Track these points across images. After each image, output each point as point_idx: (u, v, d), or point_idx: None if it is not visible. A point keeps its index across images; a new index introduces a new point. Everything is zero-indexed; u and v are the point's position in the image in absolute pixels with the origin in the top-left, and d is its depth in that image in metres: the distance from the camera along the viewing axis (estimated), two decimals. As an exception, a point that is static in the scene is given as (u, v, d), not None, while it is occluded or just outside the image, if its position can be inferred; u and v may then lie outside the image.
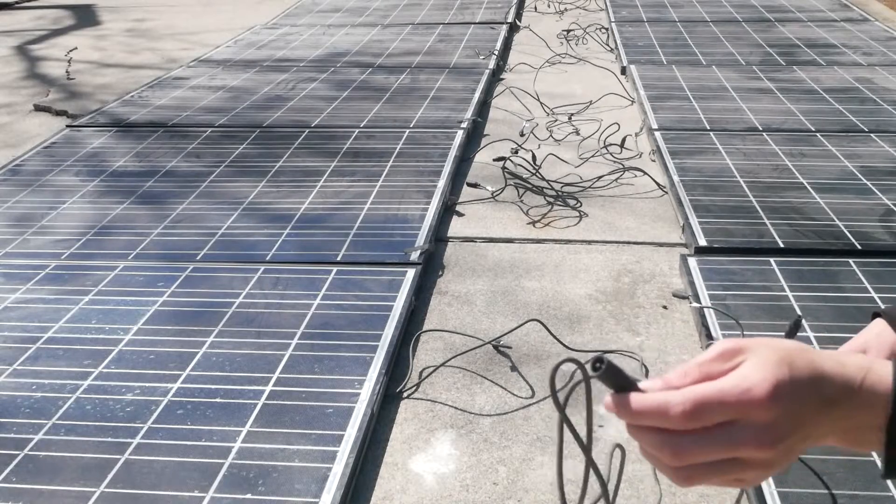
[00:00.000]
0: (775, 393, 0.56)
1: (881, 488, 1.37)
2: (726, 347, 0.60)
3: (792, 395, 0.56)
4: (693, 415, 0.56)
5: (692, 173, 2.67)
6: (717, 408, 0.56)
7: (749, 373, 0.57)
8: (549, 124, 3.31)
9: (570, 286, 2.13)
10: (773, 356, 0.58)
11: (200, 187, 2.70)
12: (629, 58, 4.13)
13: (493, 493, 1.45)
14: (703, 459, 0.57)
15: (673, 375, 0.61)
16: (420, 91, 3.67)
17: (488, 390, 1.73)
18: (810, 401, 0.57)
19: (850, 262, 2.10)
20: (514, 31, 5.00)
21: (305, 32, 4.99)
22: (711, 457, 0.57)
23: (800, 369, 0.58)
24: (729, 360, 0.59)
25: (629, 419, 0.60)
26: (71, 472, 1.47)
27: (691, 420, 0.56)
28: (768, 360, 0.58)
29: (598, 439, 1.58)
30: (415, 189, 2.62)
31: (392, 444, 1.58)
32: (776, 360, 0.58)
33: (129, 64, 4.56)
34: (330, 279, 2.09)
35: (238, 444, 1.52)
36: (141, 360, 1.78)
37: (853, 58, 4.06)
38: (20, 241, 2.37)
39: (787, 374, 0.57)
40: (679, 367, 0.61)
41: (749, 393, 0.56)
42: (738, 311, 1.89)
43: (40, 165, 2.96)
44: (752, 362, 0.58)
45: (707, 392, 0.57)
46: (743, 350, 0.59)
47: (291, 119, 3.34)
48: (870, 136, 2.99)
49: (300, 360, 1.77)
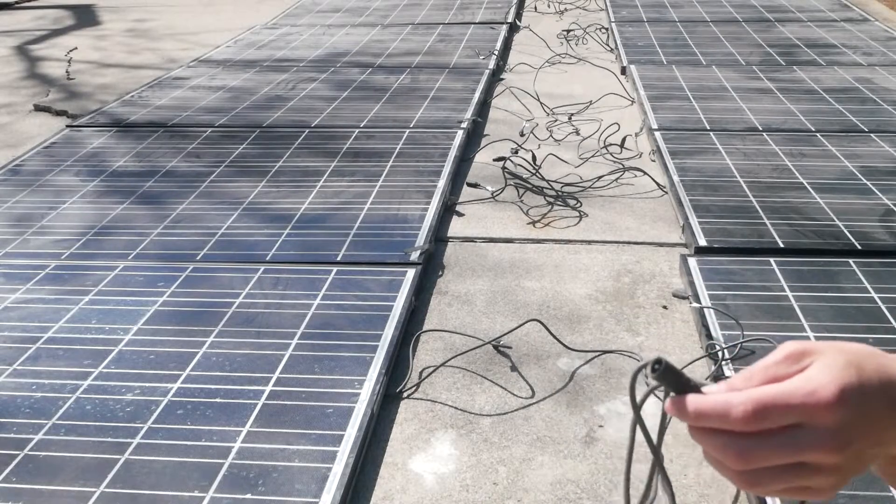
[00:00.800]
0: (842, 396, 0.54)
1: (881, 488, 1.37)
2: (793, 350, 0.58)
3: (860, 398, 0.55)
4: (756, 416, 0.55)
5: (692, 173, 2.67)
6: (781, 409, 0.55)
7: (815, 375, 0.56)
8: (549, 124, 3.30)
9: (570, 286, 2.12)
10: (841, 359, 0.56)
11: (200, 187, 2.70)
12: (629, 58, 4.13)
13: (493, 493, 1.45)
14: (769, 463, 0.55)
15: (736, 378, 0.59)
16: (420, 91, 3.67)
17: (488, 390, 1.73)
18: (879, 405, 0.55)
19: (850, 261, 2.10)
20: (514, 31, 5.00)
21: (305, 32, 4.99)
22: (777, 460, 0.55)
23: (868, 373, 0.56)
24: (796, 363, 0.58)
25: (689, 421, 0.58)
26: (71, 472, 1.47)
27: (754, 421, 0.55)
28: (836, 362, 0.56)
29: (599, 440, 1.58)
30: (415, 189, 2.62)
31: (392, 444, 1.58)
32: (844, 362, 0.56)
33: (129, 64, 4.56)
34: (330, 279, 2.09)
35: (238, 444, 1.52)
36: (141, 360, 1.78)
37: (853, 58, 4.06)
38: (20, 241, 2.38)
39: (855, 377, 0.55)
40: (744, 370, 0.59)
41: (815, 395, 0.54)
42: (737, 311, 1.89)
43: (40, 165, 2.96)
44: (819, 365, 0.56)
45: (771, 393, 0.55)
46: (810, 352, 0.58)
47: (291, 119, 3.34)
48: (870, 136, 2.99)
49: (300, 360, 1.77)
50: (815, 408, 0.54)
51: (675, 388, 0.58)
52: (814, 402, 0.54)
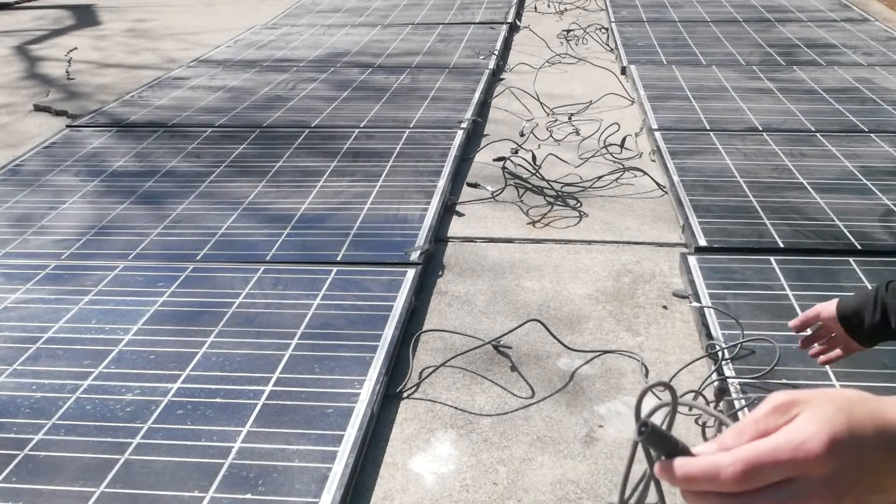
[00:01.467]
0: (831, 445, 0.53)
1: None
2: (781, 401, 0.57)
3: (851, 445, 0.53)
4: (746, 476, 0.53)
5: (692, 173, 2.67)
6: (770, 466, 0.53)
7: (804, 426, 0.54)
8: (549, 124, 3.30)
9: (570, 286, 2.12)
10: (830, 407, 0.55)
11: (200, 187, 2.70)
12: (629, 58, 4.13)
13: (493, 493, 1.45)
14: None
15: (727, 435, 0.57)
16: (420, 91, 3.67)
17: (488, 390, 1.73)
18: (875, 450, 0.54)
19: (850, 260, 2.10)
20: (514, 31, 5.00)
21: (305, 32, 4.99)
22: None
23: (860, 418, 0.55)
24: (784, 414, 0.56)
25: (679, 485, 0.56)
26: (71, 472, 1.47)
27: (745, 482, 0.53)
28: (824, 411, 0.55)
29: (599, 440, 1.58)
30: (415, 189, 2.62)
31: (392, 444, 1.58)
32: (833, 410, 0.55)
33: (129, 64, 4.56)
34: (330, 279, 2.09)
35: (238, 444, 1.52)
36: (141, 360, 1.78)
37: (853, 58, 4.06)
38: (20, 241, 2.37)
39: (846, 425, 0.54)
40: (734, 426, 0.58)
41: (803, 447, 0.53)
42: (738, 311, 1.89)
43: (40, 165, 2.96)
44: (807, 415, 0.55)
45: (759, 451, 0.54)
46: (798, 402, 0.56)
47: (291, 119, 3.34)
48: (870, 136, 2.98)
49: (300, 360, 1.77)
50: (804, 461, 0.53)
51: (663, 450, 0.57)
52: (803, 456, 0.53)
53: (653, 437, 0.56)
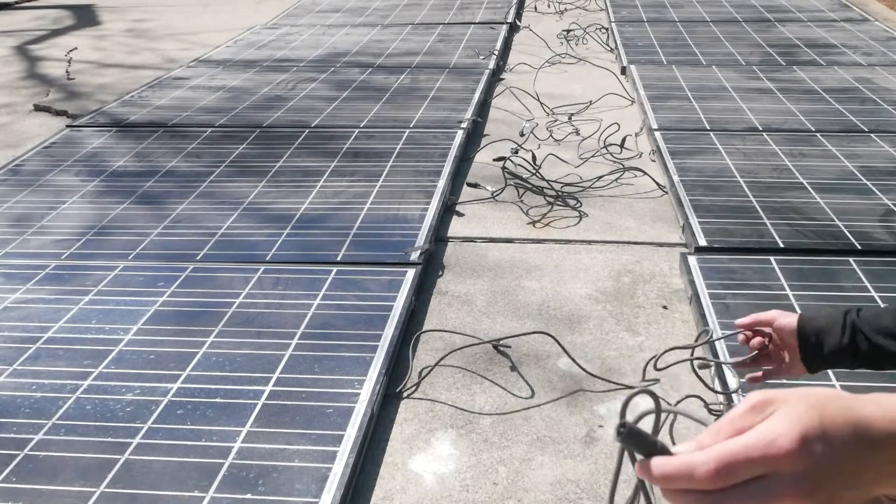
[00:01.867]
0: (802, 441, 0.54)
1: (881, 488, 1.37)
2: (757, 401, 0.58)
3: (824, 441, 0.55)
4: (720, 473, 0.55)
5: (692, 173, 2.67)
6: (743, 464, 0.55)
7: (776, 424, 0.56)
8: (549, 124, 3.30)
9: (570, 286, 2.12)
10: (803, 404, 0.56)
11: (200, 187, 2.70)
12: (629, 58, 4.13)
13: (493, 493, 1.45)
14: None
15: (705, 434, 0.59)
16: (420, 91, 3.67)
17: (488, 390, 1.73)
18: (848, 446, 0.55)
19: (850, 260, 2.10)
20: (514, 31, 5.00)
21: (305, 32, 4.99)
22: None
23: (833, 415, 0.56)
24: (760, 413, 0.57)
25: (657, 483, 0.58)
26: (71, 472, 1.47)
27: (719, 479, 0.55)
28: (797, 408, 0.56)
29: (599, 440, 1.58)
30: (415, 189, 2.62)
31: (392, 444, 1.58)
32: (806, 407, 0.56)
33: (128, 64, 4.56)
34: (330, 279, 2.09)
35: (238, 444, 1.52)
36: (141, 360, 1.78)
37: (853, 58, 4.06)
38: (20, 241, 2.37)
39: (817, 421, 0.55)
40: (712, 426, 0.59)
41: (774, 444, 0.54)
42: (738, 310, 1.88)
43: (40, 165, 2.96)
44: (780, 413, 0.56)
45: (732, 448, 0.55)
46: (773, 401, 0.58)
47: (291, 119, 3.34)
48: (870, 136, 2.98)
49: (300, 360, 1.77)
50: (776, 457, 0.54)
51: (642, 450, 0.59)
52: (774, 453, 0.54)
53: (631, 438, 0.57)
